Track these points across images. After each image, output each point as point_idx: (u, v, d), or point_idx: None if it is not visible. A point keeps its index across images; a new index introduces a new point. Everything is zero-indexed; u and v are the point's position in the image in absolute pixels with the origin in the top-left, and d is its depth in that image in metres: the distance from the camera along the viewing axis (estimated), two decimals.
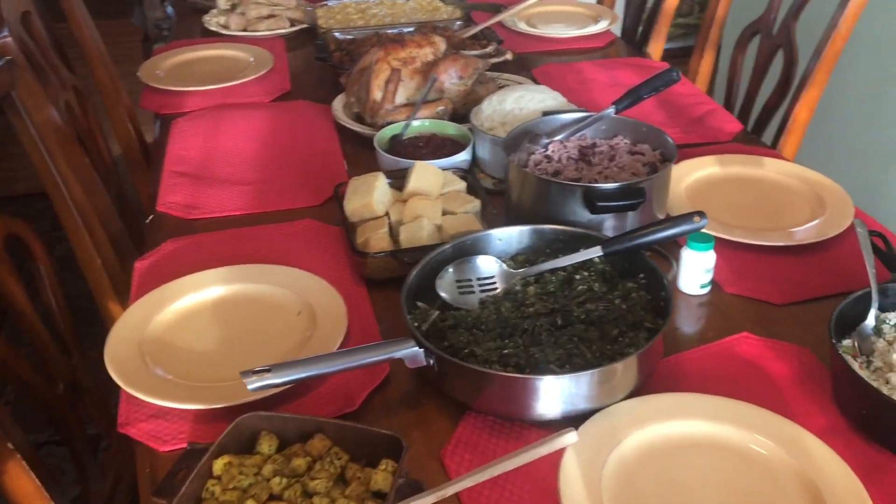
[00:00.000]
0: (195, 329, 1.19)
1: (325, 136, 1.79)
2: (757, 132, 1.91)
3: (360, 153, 1.72)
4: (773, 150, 1.72)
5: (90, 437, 1.41)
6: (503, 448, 1.00)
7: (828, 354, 1.12)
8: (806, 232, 1.38)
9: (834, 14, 1.67)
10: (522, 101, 1.57)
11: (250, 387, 0.94)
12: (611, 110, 1.45)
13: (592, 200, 1.23)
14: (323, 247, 1.40)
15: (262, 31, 2.38)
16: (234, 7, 2.50)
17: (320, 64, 2.22)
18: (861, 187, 1.51)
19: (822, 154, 2.39)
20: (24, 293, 1.21)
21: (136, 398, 1.06)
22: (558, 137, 1.44)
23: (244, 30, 2.40)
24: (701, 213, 1.16)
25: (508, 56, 1.83)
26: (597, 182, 1.34)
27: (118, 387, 1.07)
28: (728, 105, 2.05)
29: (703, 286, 1.27)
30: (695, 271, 1.25)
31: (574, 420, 1.00)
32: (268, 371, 0.96)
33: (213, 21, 2.47)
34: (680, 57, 2.64)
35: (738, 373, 1.12)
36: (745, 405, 1.02)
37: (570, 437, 0.84)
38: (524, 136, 1.44)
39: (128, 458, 1.30)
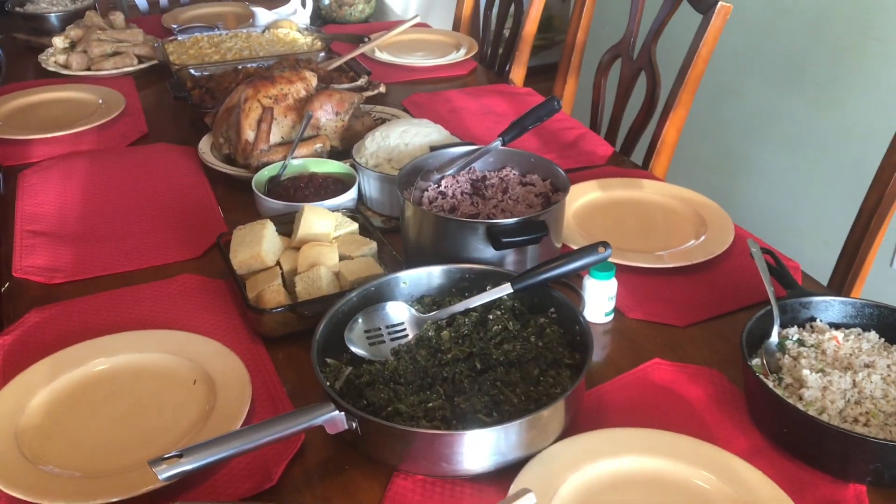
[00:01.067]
0: (79, 412, 1.06)
1: (194, 182, 1.68)
2: (625, 154, 1.96)
3: (233, 197, 1.63)
4: (646, 171, 1.77)
5: None
6: None
7: (740, 374, 1.15)
8: (695, 251, 1.41)
9: (694, 38, 1.74)
10: (407, 135, 1.53)
11: (162, 476, 0.85)
12: (497, 143, 1.44)
13: (497, 236, 1.21)
14: (208, 304, 1.30)
15: (108, 69, 2.22)
16: (73, 45, 2.32)
17: (175, 103, 2.10)
18: (719, 199, 1.57)
19: (687, 170, 2.51)
20: None
21: (16, 499, 0.93)
22: (449, 172, 1.41)
23: (88, 69, 2.23)
24: (605, 244, 1.16)
25: (382, 89, 1.79)
26: (494, 216, 1.32)
27: None
28: (594, 128, 2.09)
29: (606, 314, 1.27)
30: (598, 300, 1.25)
31: (506, 470, 0.96)
32: (179, 456, 0.86)
33: (50, 61, 2.28)
34: (535, 76, 2.68)
35: (656, 400, 1.12)
36: (673, 436, 1.02)
37: (528, 500, 0.80)
38: (416, 172, 1.40)
39: None
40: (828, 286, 1.57)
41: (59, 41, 2.32)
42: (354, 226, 1.39)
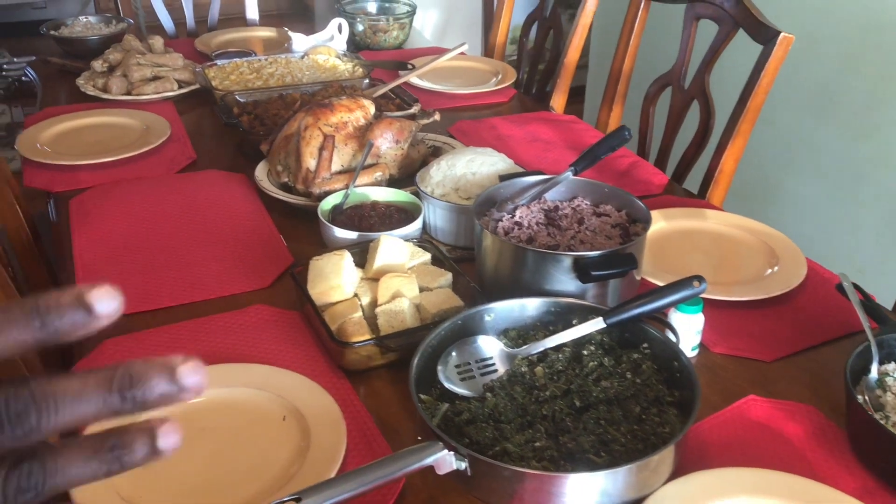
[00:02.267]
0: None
1: (251, 210, 1.65)
2: (676, 182, 1.95)
3: (290, 225, 1.60)
4: (705, 201, 1.76)
5: None
6: None
7: (834, 410, 1.13)
8: (771, 283, 1.40)
9: (754, 68, 1.73)
10: (474, 164, 1.51)
11: None
12: (569, 172, 1.43)
13: (585, 269, 1.19)
14: (284, 336, 1.27)
15: (149, 94, 2.20)
16: (111, 69, 2.30)
17: (218, 129, 2.09)
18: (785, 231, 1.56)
19: (744, 204, 2.49)
20: None
21: None
22: (521, 202, 1.39)
23: (127, 93, 2.21)
24: (699, 278, 1.14)
25: (437, 116, 1.78)
26: (574, 247, 1.30)
27: None
28: (642, 157, 2.08)
29: (693, 349, 1.25)
30: (686, 334, 1.23)
31: None
32: (298, 500, 0.83)
33: (89, 85, 2.25)
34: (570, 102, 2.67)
35: (755, 438, 1.09)
36: (783, 475, 0.99)
37: None
38: (489, 202, 1.38)
39: None
40: None
41: (97, 65, 2.30)
42: (427, 256, 1.37)
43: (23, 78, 4.23)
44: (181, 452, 1.02)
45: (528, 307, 1.19)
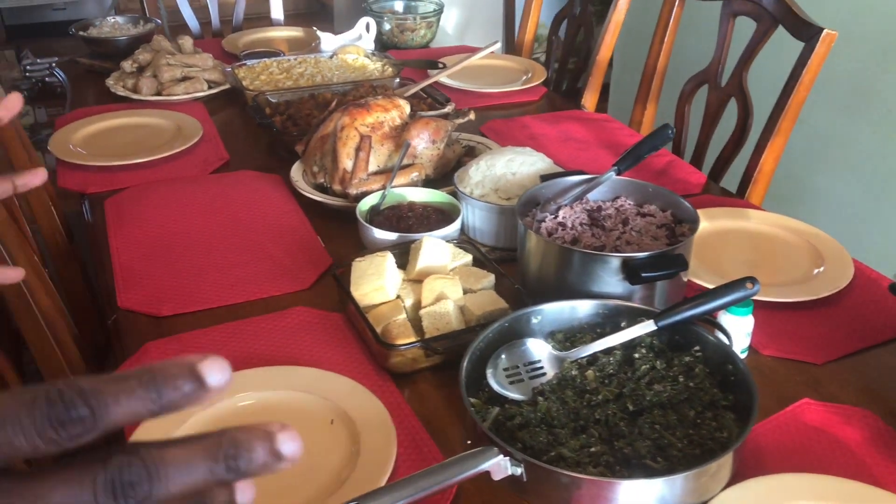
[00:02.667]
0: None
1: (287, 210, 1.64)
2: (713, 181, 1.92)
3: (327, 226, 1.59)
4: (745, 200, 1.74)
5: None
6: None
7: (891, 414, 1.10)
8: (818, 284, 1.37)
9: (795, 65, 1.71)
10: (514, 164, 1.49)
11: None
12: (612, 172, 1.40)
13: (635, 271, 1.17)
14: (327, 338, 1.26)
15: (179, 94, 2.20)
16: (140, 69, 2.29)
17: (250, 129, 2.08)
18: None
19: (777, 204, 2.46)
20: None
21: None
22: (564, 202, 1.37)
23: (157, 94, 2.21)
24: (753, 279, 1.12)
25: (472, 116, 1.76)
26: (620, 248, 1.28)
27: None
28: (677, 156, 2.06)
29: (743, 351, 1.23)
30: (737, 337, 1.21)
31: None
32: None
33: (119, 85, 2.25)
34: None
35: (813, 443, 1.07)
36: (844, 481, 0.97)
37: None
38: (531, 202, 1.36)
39: None
40: None
41: (126, 65, 2.29)
42: (469, 257, 1.35)
43: (47, 79, 4.25)
44: None
45: (579, 309, 1.17)
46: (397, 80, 2.17)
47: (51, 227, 1.68)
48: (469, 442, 1.03)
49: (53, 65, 3.05)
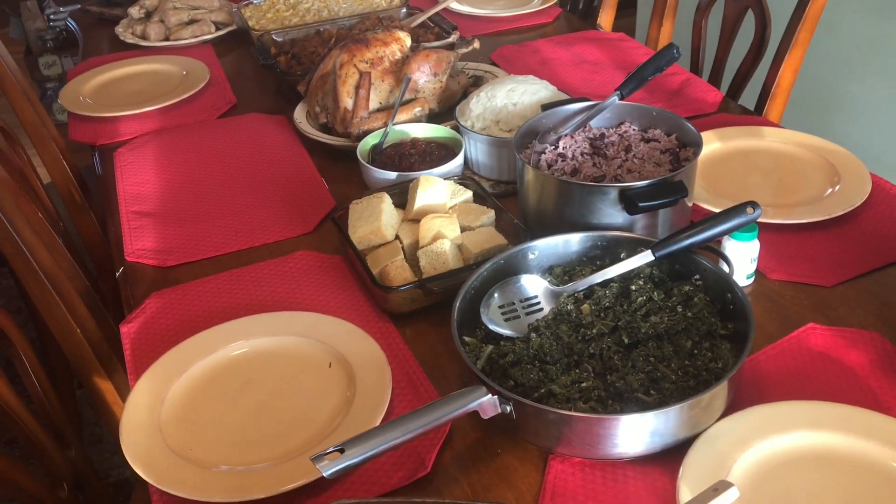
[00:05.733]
0: (217, 402, 1.04)
1: (292, 153, 1.63)
2: (732, 99, 1.86)
3: (332, 167, 1.58)
4: (762, 117, 1.67)
5: None
6: (603, 495, 0.90)
7: None
8: (832, 203, 1.32)
9: None
10: (514, 94, 1.46)
11: (326, 473, 0.82)
12: (615, 97, 1.36)
13: (632, 201, 1.14)
14: (328, 281, 1.26)
15: (187, 38, 2.18)
16: (148, 15, 2.28)
17: (259, 70, 2.06)
18: (850, 146, 1.47)
19: (806, 116, 2.38)
20: (7, 387, 1.03)
21: (170, 495, 0.91)
22: (565, 132, 1.34)
23: (166, 39, 2.19)
24: (754, 204, 1.08)
25: (476, 44, 1.72)
26: (621, 177, 1.25)
27: (129, 479, 0.92)
28: (695, 73, 1.99)
29: (748, 276, 1.20)
30: (741, 262, 1.18)
31: (669, 450, 0.91)
32: (341, 451, 0.83)
33: (127, 33, 2.24)
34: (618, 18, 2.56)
35: (815, 369, 1.05)
36: (843, 407, 0.95)
37: (732, 494, 0.75)
38: (531, 134, 1.33)
39: None
40: None
41: (134, 11, 2.28)
42: (469, 193, 1.33)
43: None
44: (229, 404, 1.04)
45: (572, 242, 1.15)
46: (404, 10, 2.12)
47: (64, 181, 1.70)
48: (465, 382, 1.04)
49: (67, 15, 3.05)
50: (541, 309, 1.10)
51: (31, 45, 4.42)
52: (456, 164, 1.42)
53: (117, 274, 1.34)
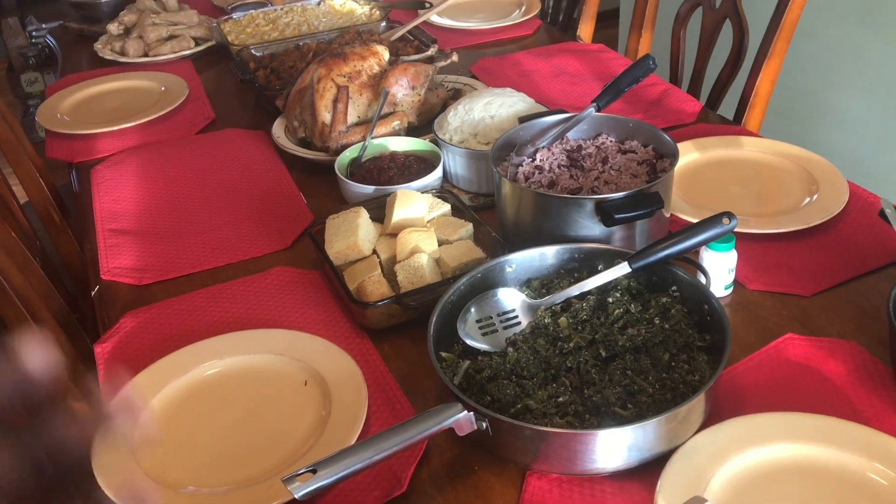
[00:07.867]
0: (193, 422, 1.02)
1: (270, 168, 1.63)
2: (711, 109, 1.86)
3: (311, 182, 1.57)
4: (741, 127, 1.68)
5: None
6: None
7: (880, 345, 1.07)
8: (811, 212, 1.32)
9: None
10: (492, 107, 1.45)
11: (298, 495, 0.80)
12: (591, 109, 1.36)
13: (608, 213, 1.13)
14: (305, 298, 1.25)
15: (166, 54, 2.17)
16: (127, 31, 2.27)
17: (238, 85, 2.04)
18: (829, 154, 1.47)
19: (785, 125, 2.38)
20: None
21: None
22: (542, 144, 1.34)
23: (145, 55, 2.18)
24: (729, 215, 1.08)
25: (454, 57, 1.71)
26: (598, 189, 1.25)
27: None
28: (675, 83, 1.99)
29: (727, 287, 1.20)
30: (718, 273, 1.18)
31: (647, 465, 0.91)
32: (313, 472, 0.82)
33: (106, 49, 2.23)
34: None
35: (794, 380, 1.05)
36: (822, 418, 0.95)
37: None
38: (508, 146, 1.33)
39: None
40: None
41: (113, 28, 2.27)
42: (447, 207, 1.33)
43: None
44: (203, 423, 1.02)
45: (549, 255, 1.14)
46: (384, 23, 2.12)
47: (41, 199, 1.69)
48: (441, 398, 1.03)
49: (29, 28, 3.04)
50: (518, 323, 1.09)
51: (13, 63, 4.40)
52: (434, 177, 1.41)
53: (92, 293, 1.32)
